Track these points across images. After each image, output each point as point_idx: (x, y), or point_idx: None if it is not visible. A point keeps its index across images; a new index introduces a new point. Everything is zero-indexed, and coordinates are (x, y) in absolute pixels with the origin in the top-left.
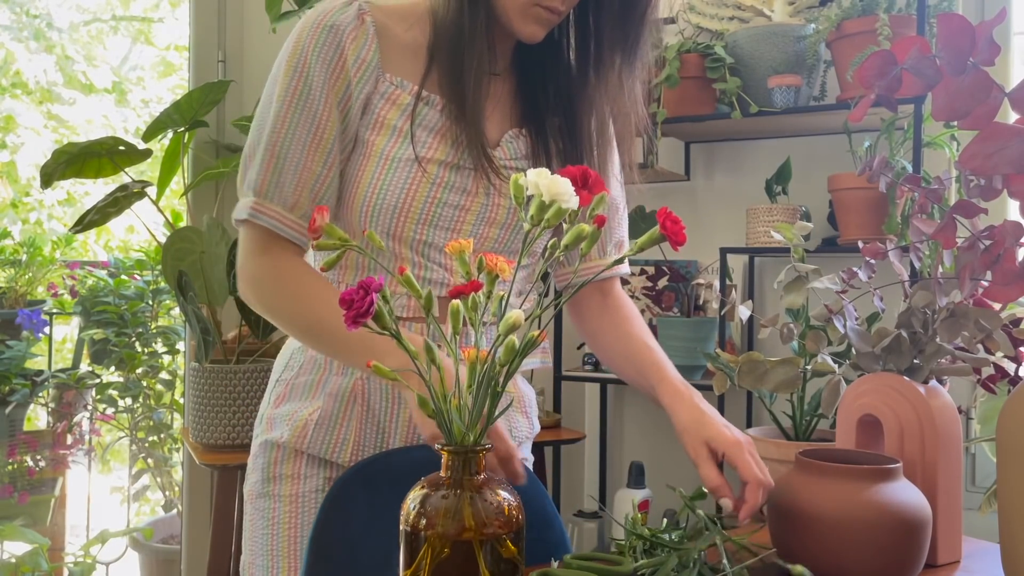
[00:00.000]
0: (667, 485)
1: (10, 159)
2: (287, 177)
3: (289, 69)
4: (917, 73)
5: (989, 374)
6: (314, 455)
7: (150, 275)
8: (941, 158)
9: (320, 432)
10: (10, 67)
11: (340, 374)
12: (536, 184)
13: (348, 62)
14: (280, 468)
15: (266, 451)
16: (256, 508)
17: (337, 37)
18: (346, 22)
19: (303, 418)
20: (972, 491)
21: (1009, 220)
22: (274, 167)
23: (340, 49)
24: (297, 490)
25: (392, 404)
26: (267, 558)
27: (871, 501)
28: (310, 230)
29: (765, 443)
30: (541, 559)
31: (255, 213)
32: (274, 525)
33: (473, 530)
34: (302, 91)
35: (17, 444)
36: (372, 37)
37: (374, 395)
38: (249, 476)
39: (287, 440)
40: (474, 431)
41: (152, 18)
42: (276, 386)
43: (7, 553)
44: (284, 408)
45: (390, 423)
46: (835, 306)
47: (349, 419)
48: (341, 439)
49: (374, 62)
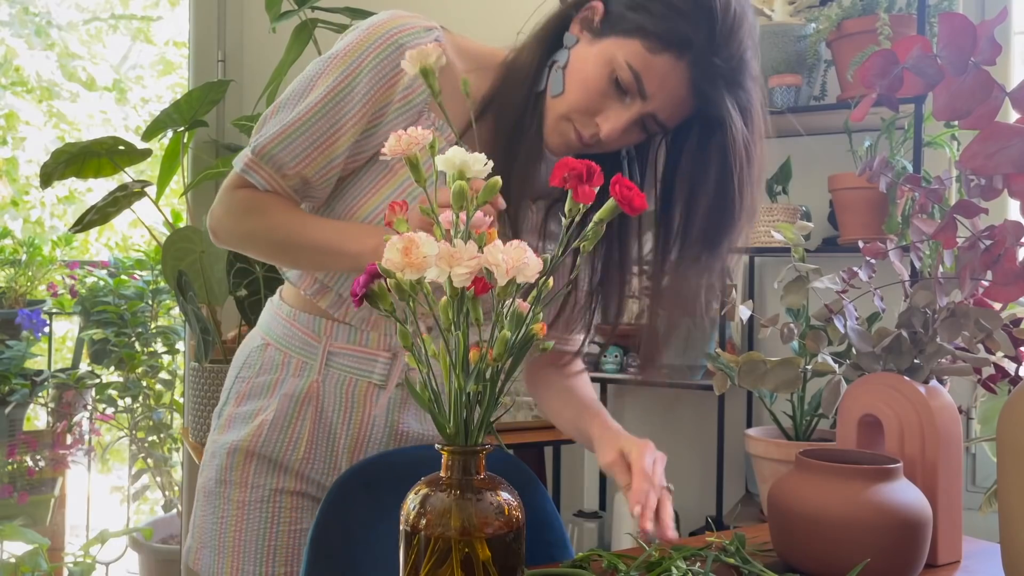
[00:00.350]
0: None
1: (11, 155)
2: (291, 153)
3: (342, 66)
4: (918, 72)
5: (989, 374)
6: (266, 456)
7: (150, 275)
8: (941, 158)
9: (274, 432)
10: (11, 64)
11: (296, 376)
12: (448, 160)
13: (398, 87)
14: (231, 474)
15: (220, 455)
16: (208, 503)
17: (398, 60)
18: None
19: (261, 419)
20: (972, 491)
21: (1009, 220)
22: (284, 139)
23: (396, 71)
24: (245, 497)
25: (344, 408)
26: (214, 552)
27: (871, 501)
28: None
29: (765, 443)
30: (541, 559)
31: (247, 169)
32: (222, 524)
33: (473, 530)
34: (341, 93)
35: (17, 444)
36: None
37: (327, 397)
38: (203, 470)
39: (241, 442)
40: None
41: (151, 16)
42: (236, 383)
43: (7, 553)
44: (245, 408)
45: (341, 426)
46: (835, 306)
47: (303, 419)
48: (294, 439)
49: (422, 101)
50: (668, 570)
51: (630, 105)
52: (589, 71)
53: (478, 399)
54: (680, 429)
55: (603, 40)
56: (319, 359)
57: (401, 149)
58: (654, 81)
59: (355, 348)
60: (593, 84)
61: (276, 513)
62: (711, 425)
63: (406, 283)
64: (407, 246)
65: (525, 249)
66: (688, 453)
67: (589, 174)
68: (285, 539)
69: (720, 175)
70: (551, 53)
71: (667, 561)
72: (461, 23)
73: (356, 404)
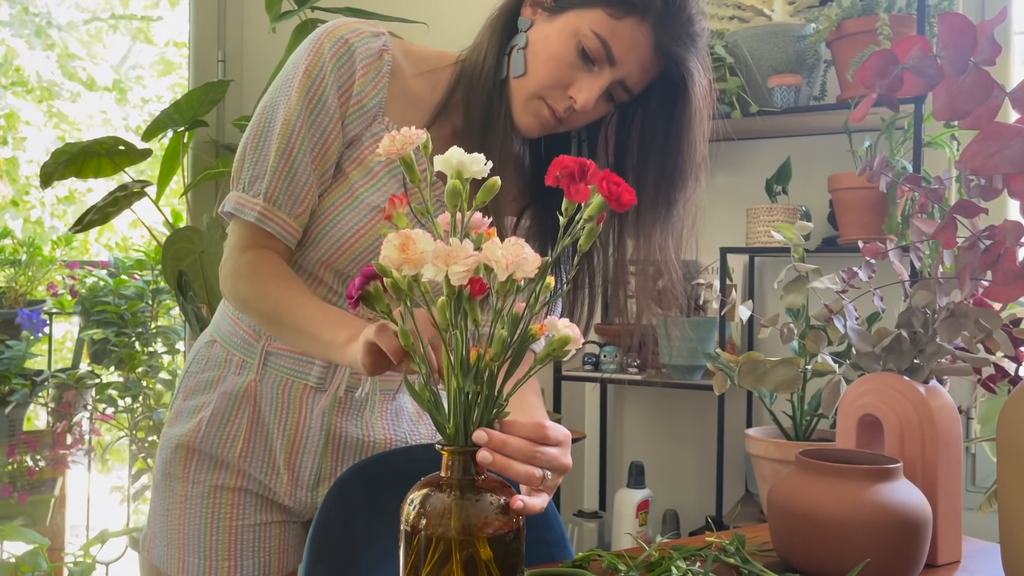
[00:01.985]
0: None
1: (12, 155)
2: (298, 187)
3: (307, 77)
4: (918, 73)
5: (989, 374)
6: (206, 452)
7: (150, 275)
8: (941, 158)
9: (212, 429)
10: (11, 64)
11: (236, 374)
12: (446, 160)
13: (352, 93)
14: (174, 468)
15: (165, 449)
16: (157, 494)
17: (352, 64)
18: (366, 54)
19: (200, 416)
20: (972, 491)
21: (1009, 220)
22: (286, 175)
23: (351, 77)
24: (187, 492)
25: (280, 409)
26: (163, 542)
27: (871, 501)
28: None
29: (765, 443)
30: (541, 559)
31: (262, 219)
32: (168, 516)
33: (473, 530)
34: (316, 103)
35: (17, 444)
36: (383, 77)
37: (264, 398)
38: (156, 461)
39: (183, 437)
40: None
41: (151, 16)
42: (186, 378)
43: (7, 553)
44: (189, 403)
45: (276, 426)
46: (835, 306)
47: (240, 418)
48: (231, 437)
49: (374, 104)
50: (668, 570)
51: (599, 73)
52: (553, 46)
53: (477, 399)
54: (680, 429)
55: (562, 15)
56: (257, 358)
57: (396, 149)
58: (621, 45)
59: (292, 350)
60: (561, 58)
61: (216, 509)
62: (711, 425)
63: (403, 281)
64: (404, 242)
65: (523, 245)
66: (688, 453)
67: (582, 172)
68: (226, 535)
69: (675, 130)
70: (508, 40)
71: (667, 561)
72: (455, 21)
73: (291, 405)
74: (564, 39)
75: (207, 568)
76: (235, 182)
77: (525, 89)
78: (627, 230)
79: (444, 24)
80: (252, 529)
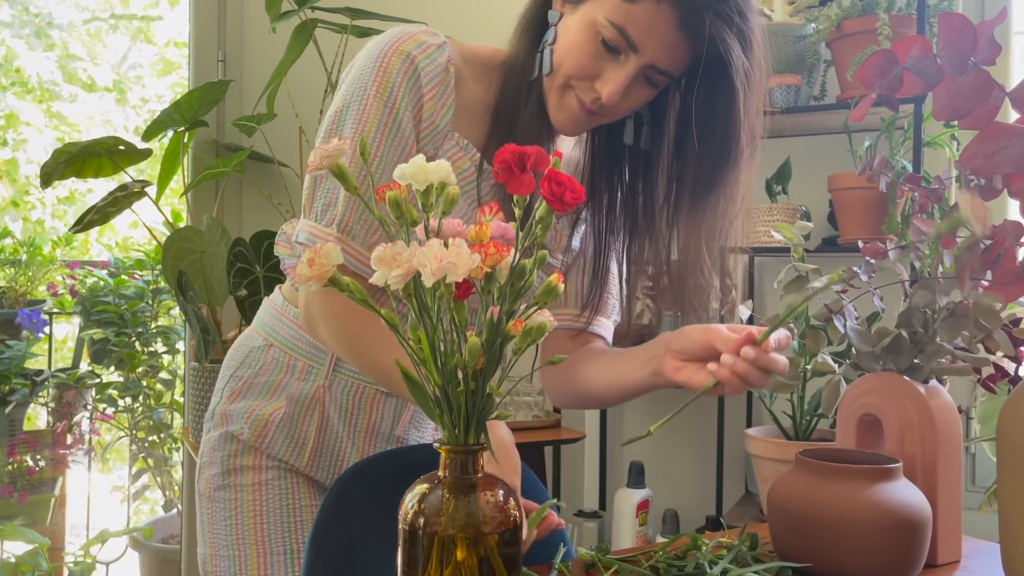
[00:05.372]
0: None
1: (12, 156)
2: (372, 218)
3: (379, 100)
4: (918, 73)
5: (989, 374)
6: (273, 456)
7: (150, 275)
8: (941, 158)
9: (280, 433)
10: (11, 64)
11: (302, 380)
12: (399, 171)
13: (423, 114)
14: (240, 460)
15: (225, 443)
16: (216, 501)
17: (419, 86)
18: (434, 73)
19: (264, 416)
20: (972, 491)
21: (1009, 220)
22: (360, 206)
23: (420, 99)
24: (260, 479)
25: (349, 415)
26: (232, 548)
27: (871, 501)
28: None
29: (765, 443)
30: (541, 559)
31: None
32: (238, 515)
33: (471, 529)
34: (392, 127)
35: (17, 444)
36: (450, 94)
37: (332, 405)
38: (204, 471)
39: (247, 437)
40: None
41: (151, 16)
42: (230, 382)
43: (7, 553)
44: (239, 404)
45: (345, 433)
46: (835, 306)
47: (309, 424)
48: (300, 442)
49: (445, 124)
50: (698, 547)
51: (625, 63)
52: (574, 38)
53: (472, 398)
54: (680, 429)
55: (582, 5)
56: (327, 364)
57: (316, 164)
58: (639, 30)
59: None
60: (583, 49)
61: (295, 485)
62: (711, 425)
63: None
64: (312, 257)
65: (460, 247)
66: (688, 453)
67: (522, 162)
68: (309, 513)
69: (721, 109)
70: (540, 36)
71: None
72: (455, 21)
73: (362, 411)
74: (583, 30)
75: (292, 550)
76: (307, 210)
77: (556, 82)
78: (680, 216)
79: (444, 24)
80: None
